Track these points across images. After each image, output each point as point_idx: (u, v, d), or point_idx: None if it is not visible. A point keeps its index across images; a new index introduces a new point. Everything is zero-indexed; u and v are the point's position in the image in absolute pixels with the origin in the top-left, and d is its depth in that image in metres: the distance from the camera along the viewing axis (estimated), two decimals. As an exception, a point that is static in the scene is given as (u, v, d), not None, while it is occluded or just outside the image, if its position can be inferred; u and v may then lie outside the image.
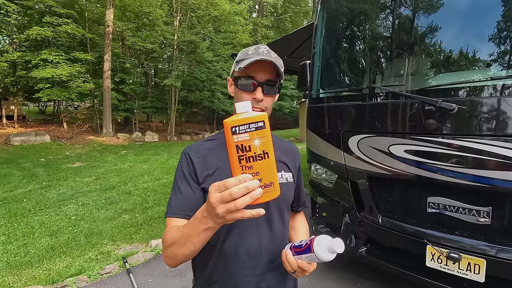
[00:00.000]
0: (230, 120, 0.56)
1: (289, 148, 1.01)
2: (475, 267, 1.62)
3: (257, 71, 0.82)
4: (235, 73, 0.85)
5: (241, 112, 0.57)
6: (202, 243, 0.69)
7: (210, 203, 0.57)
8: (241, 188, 0.54)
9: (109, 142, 11.55)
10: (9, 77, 13.04)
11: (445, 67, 1.93)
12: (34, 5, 12.08)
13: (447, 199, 1.75)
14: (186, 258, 0.75)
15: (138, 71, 14.18)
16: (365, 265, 2.34)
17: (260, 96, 0.82)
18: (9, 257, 3.11)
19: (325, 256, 0.70)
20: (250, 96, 0.83)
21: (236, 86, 0.86)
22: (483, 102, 1.62)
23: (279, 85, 0.87)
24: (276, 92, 0.87)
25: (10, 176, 6.52)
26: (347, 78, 2.58)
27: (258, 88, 0.82)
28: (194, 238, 0.67)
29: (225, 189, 0.55)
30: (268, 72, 0.83)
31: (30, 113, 17.95)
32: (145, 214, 4.30)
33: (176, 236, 0.73)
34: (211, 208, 0.58)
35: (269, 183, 0.57)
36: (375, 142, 2.01)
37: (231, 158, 0.57)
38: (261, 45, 0.87)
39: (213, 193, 0.57)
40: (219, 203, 0.56)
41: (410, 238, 1.87)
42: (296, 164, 0.99)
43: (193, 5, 13.09)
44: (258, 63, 0.80)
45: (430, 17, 1.96)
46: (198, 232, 0.66)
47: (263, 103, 0.84)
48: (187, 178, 0.84)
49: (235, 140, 0.55)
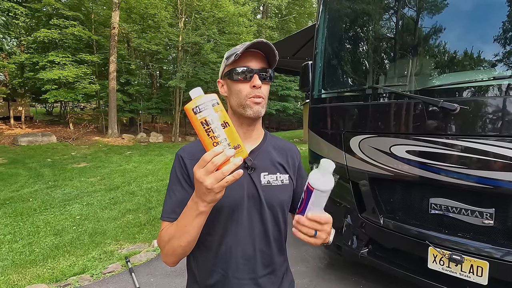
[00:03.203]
0: (188, 104, 0.65)
1: (287, 147, 0.97)
2: (478, 269, 1.59)
3: (250, 60, 0.83)
4: (228, 67, 0.85)
5: (196, 96, 0.66)
6: (196, 230, 0.73)
7: (197, 179, 0.62)
8: (221, 156, 0.60)
9: (114, 143, 11.66)
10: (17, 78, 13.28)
11: (447, 67, 1.91)
12: (42, 8, 12.29)
13: (449, 200, 1.73)
14: (183, 251, 0.77)
15: (143, 73, 14.30)
16: (367, 266, 2.32)
17: (259, 83, 0.82)
18: (15, 255, 3.15)
19: (324, 182, 0.66)
20: (248, 85, 0.82)
21: (232, 79, 0.84)
22: (486, 102, 1.60)
23: (271, 73, 0.87)
24: (269, 80, 0.86)
25: (17, 176, 6.63)
26: (348, 78, 2.57)
27: (255, 75, 0.82)
28: (188, 226, 0.71)
29: (206, 163, 0.61)
30: (260, 61, 0.84)
31: (37, 114, 18.21)
32: (149, 214, 4.33)
33: (172, 230, 0.76)
34: (199, 185, 0.63)
35: (236, 145, 0.65)
36: (376, 142, 1.99)
37: (200, 135, 0.64)
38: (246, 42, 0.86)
39: (197, 170, 0.62)
40: (205, 175, 0.61)
41: (412, 240, 1.85)
42: (295, 163, 0.95)
43: (197, 7, 13.17)
44: (250, 53, 0.82)
45: (431, 16, 1.95)
46: (191, 219, 0.70)
47: (262, 90, 0.83)
48: (181, 180, 0.84)
49: (198, 118, 0.63)
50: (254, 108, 0.82)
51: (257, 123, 0.89)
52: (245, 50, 0.80)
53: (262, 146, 0.90)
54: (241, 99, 0.83)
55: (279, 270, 0.89)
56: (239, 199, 0.82)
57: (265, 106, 0.86)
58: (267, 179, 0.86)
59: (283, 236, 0.92)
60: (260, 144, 0.91)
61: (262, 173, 0.86)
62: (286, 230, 0.94)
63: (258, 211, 0.84)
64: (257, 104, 0.83)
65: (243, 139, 0.87)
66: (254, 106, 0.82)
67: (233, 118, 0.88)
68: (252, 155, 0.87)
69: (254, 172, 0.85)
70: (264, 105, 0.85)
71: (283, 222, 0.90)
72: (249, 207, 0.83)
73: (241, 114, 0.84)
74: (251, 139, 0.89)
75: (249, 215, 0.83)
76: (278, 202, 0.87)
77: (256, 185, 0.84)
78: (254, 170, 0.85)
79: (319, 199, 0.68)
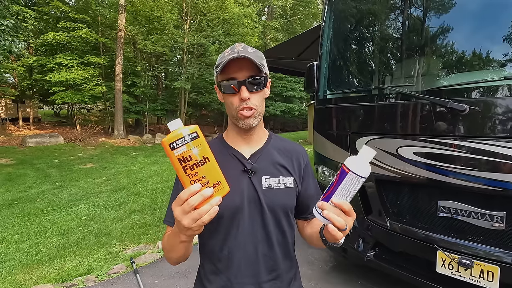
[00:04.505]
0: (166, 138, 0.61)
1: (292, 148, 0.93)
2: (489, 274, 1.55)
3: (236, 70, 0.78)
4: (218, 77, 0.82)
5: (174, 129, 0.62)
6: (184, 252, 0.76)
7: (175, 217, 0.62)
8: (198, 197, 0.59)
9: (120, 144, 11.76)
10: (26, 80, 13.51)
11: (455, 67, 1.88)
12: (50, 11, 12.50)
13: (458, 203, 1.69)
14: (177, 261, 0.81)
15: (148, 74, 14.41)
16: (374, 270, 2.28)
17: (246, 95, 0.77)
18: (21, 255, 3.19)
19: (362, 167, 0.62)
20: (237, 97, 0.79)
21: (221, 91, 0.82)
22: (497, 102, 1.56)
23: (264, 80, 0.81)
24: (262, 87, 0.81)
25: (25, 176, 6.72)
26: (354, 79, 2.54)
27: (242, 88, 0.78)
28: (175, 248, 0.74)
29: (183, 202, 0.60)
30: (247, 69, 0.78)
31: (45, 116, 18.47)
32: (154, 215, 4.34)
33: (165, 243, 0.80)
34: (178, 223, 0.63)
35: (216, 182, 0.63)
36: (383, 144, 1.96)
37: (177, 171, 0.62)
38: (237, 43, 0.83)
39: (175, 208, 0.62)
40: (183, 215, 0.61)
41: (420, 243, 1.82)
42: (301, 165, 0.91)
43: (202, 9, 13.25)
44: (235, 62, 0.76)
45: (438, 16, 1.92)
46: (176, 244, 0.72)
47: (251, 101, 0.79)
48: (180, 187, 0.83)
49: (175, 154, 0.60)
50: (245, 121, 0.80)
51: (256, 127, 0.85)
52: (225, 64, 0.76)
53: (265, 149, 0.88)
54: (232, 112, 0.81)
55: (285, 276, 0.87)
56: (239, 204, 0.81)
57: (258, 116, 0.82)
58: (268, 183, 0.84)
59: (290, 241, 0.89)
60: (262, 147, 0.88)
61: (263, 176, 0.84)
62: (293, 234, 0.91)
63: (260, 215, 0.83)
64: (247, 118, 0.80)
65: (244, 144, 0.87)
66: (244, 119, 0.80)
67: (231, 123, 0.88)
68: (253, 158, 0.85)
69: (255, 175, 0.83)
70: (256, 115, 0.81)
71: (287, 226, 0.87)
72: (250, 211, 0.82)
73: (235, 124, 0.84)
74: (252, 143, 0.88)
75: (250, 220, 0.82)
76: (280, 206, 0.85)
77: (256, 189, 0.82)
78: (255, 173, 0.83)
79: (350, 185, 0.62)
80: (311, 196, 0.91)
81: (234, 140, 0.88)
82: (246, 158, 0.85)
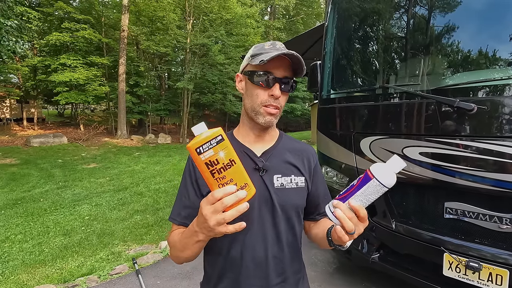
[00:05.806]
0: (192, 143, 0.60)
1: (303, 148, 0.92)
2: (497, 277, 1.51)
3: (276, 67, 0.78)
4: (250, 67, 0.81)
5: (199, 134, 0.61)
6: (198, 250, 0.73)
7: (203, 215, 0.61)
8: (233, 197, 0.59)
9: (123, 144, 11.80)
10: (30, 81, 13.61)
11: (461, 66, 1.84)
12: (54, 12, 12.57)
13: (466, 204, 1.66)
14: (187, 260, 0.78)
15: (151, 74, 14.44)
16: (378, 272, 2.25)
17: (278, 93, 0.77)
18: (24, 255, 3.19)
19: (387, 177, 0.59)
20: (267, 92, 0.78)
21: (252, 81, 0.80)
22: (505, 101, 1.53)
23: (293, 83, 0.82)
24: (290, 90, 0.82)
25: (28, 176, 6.76)
26: (358, 78, 2.51)
27: (276, 85, 0.77)
28: (189, 247, 0.72)
29: (216, 201, 0.59)
30: (285, 68, 0.79)
31: (49, 116, 18.62)
32: (156, 215, 4.33)
33: (176, 241, 0.77)
34: (203, 221, 0.62)
35: (243, 184, 0.63)
36: (388, 144, 1.93)
37: (205, 176, 0.61)
38: (276, 41, 0.83)
39: (205, 206, 0.60)
40: (212, 214, 0.59)
41: (426, 245, 1.78)
42: (311, 165, 0.90)
43: (205, 9, 13.25)
44: (276, 59, 0.76)
45: (443, 14, 1.88)
46: (191, 243, 0.70)
47: (280, 101, 0.79)
48: (188, 185, 0.83)
49: (202, 159, 0.60)
50: (267, 118, 0.79)
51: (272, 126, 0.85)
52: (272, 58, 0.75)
53: (276, 147, 0.87)
54: (255, 105, 0.79)
55: (292, 279, 0.85)
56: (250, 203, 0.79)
57: (278, 117, 0.82)
58: (280, 182, 0.82)
59: (298, 242, 0.88)
60: (274, 145, 0.87)
61: (275, 175, 0.82)
62: (301, 236, 0.90)
63: (271, 215, 0.81)
64: (271, 115, 0.79)
65: (256, 142, 0.86)
66: (267, 116, 0.79)
67: (246, 118, 0.85)
68: (265, 156, 0.84)
69: (266, 174, 0.81)
70: (278, 116, 0.81)
71: (298, 225, 0.86)
72: (261, 210, 0.80)
73: (252, 118, 0.82)
74: (264, 141, 0.87)
75: (260, 219, 0.80)
76: (292, 205, 0.83)
77: (268, 187, 0.81)
78: (266, 172, 0.81)
79: (370, 192, 0.61)
80: (321, 197, 0.91)
81: (246, 137, 0.86)
82: (257, 156, 0.84)
